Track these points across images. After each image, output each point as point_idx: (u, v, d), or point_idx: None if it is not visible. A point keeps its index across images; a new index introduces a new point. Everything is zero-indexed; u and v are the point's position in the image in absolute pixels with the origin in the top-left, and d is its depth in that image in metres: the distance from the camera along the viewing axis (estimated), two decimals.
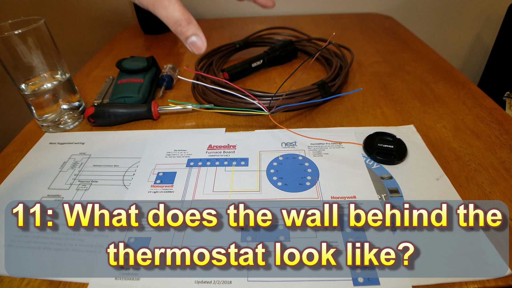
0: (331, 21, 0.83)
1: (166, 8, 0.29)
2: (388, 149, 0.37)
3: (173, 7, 0.29)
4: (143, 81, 0.50)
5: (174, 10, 0.29)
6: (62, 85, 0.43)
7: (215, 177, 0.36)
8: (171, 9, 0.29)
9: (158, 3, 0.29)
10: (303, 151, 0.39)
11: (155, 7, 0.29)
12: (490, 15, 0.91)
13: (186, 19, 0.30)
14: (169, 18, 0.29)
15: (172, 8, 0.29)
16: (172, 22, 0.30)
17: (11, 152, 0.42)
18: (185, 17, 0.30)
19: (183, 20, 0.30)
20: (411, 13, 0.90)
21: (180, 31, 0.30)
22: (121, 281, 0.27)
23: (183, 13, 0.30)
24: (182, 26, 0.30)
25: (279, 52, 0.58)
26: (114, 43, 0.77)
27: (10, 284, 0.27)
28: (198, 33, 0.31)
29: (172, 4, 0.29)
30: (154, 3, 0.29)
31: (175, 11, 0.29)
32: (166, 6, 0.29)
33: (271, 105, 0.44)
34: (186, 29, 0.30)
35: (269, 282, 0.26)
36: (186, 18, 0.30)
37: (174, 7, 0.29)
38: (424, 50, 0.64)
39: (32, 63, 0.40)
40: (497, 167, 0.35)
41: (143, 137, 0.43)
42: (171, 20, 0.30)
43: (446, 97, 0.48)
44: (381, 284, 0.25)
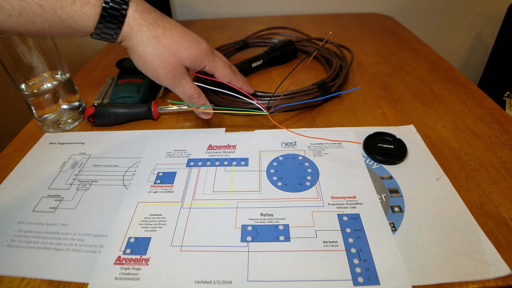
0: (331, 21, 0.83)
1: (183, 87, 0.37)
2: (388, 149, 0.37)
3: (188, 86, 0.37)
4: (143, 81, 0.50)
5: (189, 88, 0.37)
6: (62, 85, 0.43)
7: (215, 177, 0.36)
8: (187, 87, 0.37)
9: (177, 83, 0.36)
10: (303, 151, 0.39)
11: (174, 86, 0.36)
12: (490, 15, 0.91)
13: (198, 94, 0.38)
14: (186, 93, 0.37)
15: (187, 87, 0.37)
16: (187, 97, 0.38)
17: (11, 152, 0.42)
18: (197, 92, 0.38)
19: (196, 94, 0.38)
20: (411, 13, 0.90)
21: (194, 102, 0.38)
22: (121, 281, 0.27)
23: (195, 89, 0.38)
24: (195, 99, 0.38)
25: (279, 52, 0.58)
26: (114, 43, 0.77)
27: (10, 284, 0.27)
28: (206, 103, 0.39)
29: (188, 84, 0.37)
30: (174, 83, 0.36)
31: (190, 89, 0.37)
32: (183, 85, 0.37)
33: (270, 105, 0.44)
34: (198, 101, 0.38)
35: (269, 282, 0.26)
36: (197, 93, 0.38)
37: (189, 85, 0.37)
38: (424, 50, 0.64)
39: (32, 63, 0.40)
40: (497, 167, 0.35)
41: (143, 137, 0.43)
42: (187, 95, 0.37)
43: (446, 97, 0.48)
44: (381, 284, 0.25)
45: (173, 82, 0.36)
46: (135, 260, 0.28)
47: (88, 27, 0.31)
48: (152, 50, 0.33)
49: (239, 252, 0.28)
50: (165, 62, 0.34)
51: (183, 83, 0.36)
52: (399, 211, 0.31)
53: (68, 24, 0.29)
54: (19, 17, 0.27)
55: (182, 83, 0.36)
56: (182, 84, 0.36)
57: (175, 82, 0.36)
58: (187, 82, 0.37)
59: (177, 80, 0.36)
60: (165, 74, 0.35)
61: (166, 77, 0.35)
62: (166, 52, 0.34)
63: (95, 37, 0.32)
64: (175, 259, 0.28)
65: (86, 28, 0.31)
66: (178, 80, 0.36)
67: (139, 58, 0.34)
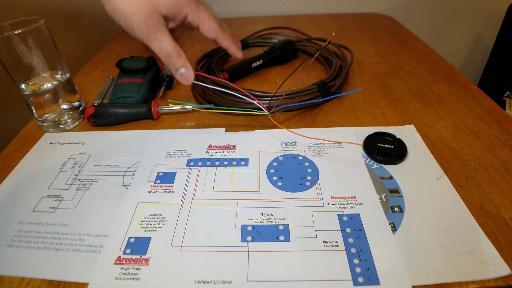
0: (331, 21, 0.83)
1: (160, 41, 0.31)
2: (388, 149, 0.37)
3: (165, 40, 0.32)
4: (143, 81, 0.50)
5: (166, 44, 0.32)
6: (62, 85, 0.43)
7: (215, 177, 0.36)
8: (164, 42, 0.32)
9: (152, 36, 0.31)
10: (303, 151, 0.39)
11: (149, 39, 0.31)
12: (490, 15, 0.91)
13: (177, 52, 0.33)
14: (162, 50, 0.32)
15: (165, 42, 0.32)
16: (164, 54, 0.32)
17: (11, 152, 0.42)
18: (176, 50, 0.33)
19: (174, 52, 0.32)
20: (411, 13, 0.90)
21: (171, 62, 0.33)
22: (121, 281, 0.27)
23: (174, 46, 0.32)
24: (173, 58, 0.33)
25: (279, 52, 0.58)
26: (114, 43, 0.77)
27: (10, 284, 0.27)
28: (186, 65, 0.34)
29: (165, 38, 0.32)
30: (148, 36, 0.31)
31: (167, 45, 0.32)
32: (160, 39, 0.31)
33: (270, 105, 0.44)
34: (177, 61, 0.33)
35: (269, 282, 0.26)
36: (176, 51, 0.33)
37: (167, 40, 0.32)
38: (424, 50, 0.64)
39: (32, 63, 0.40)
40: (497, 167, 0.35)
41: (143, 137, 0.43)
42: (164, 52, 0.32)
43: (446, 97, 0.48)
44: (381, 284, 0.25)
45: (148, 35, 0.31)
46: (135, 260, 0.28)
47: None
48: None
49: (239, 252, 0.28)
50: (138, 8, 0.30)
51: (159, 36, 0.31)
52: (399, 211, 0.31)
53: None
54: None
55: (158, 36, 0.31)
56: (158, 38, 0.31)
57: (150, 35, 0.31)
58: (164, 35, 0.32)
59: (152, 33, 0.31)
60: (138, 23, 0.30)
61: (140, 26, 0.30)
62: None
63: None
64: (175, 259, 0.28)
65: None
66: (153, 32, 0.31)
67: (110, 3, 0.30)
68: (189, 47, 0.71)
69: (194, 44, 0.72)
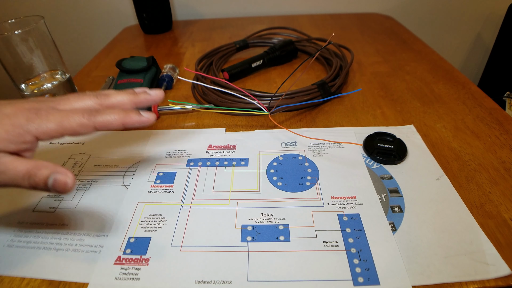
0: (331, 21, 0.83)
1: (4, 173, 0.23)
2: (388, 149, 0.37)
3: (12, 166, 0.23)
4: (143, 81, 0.50)
5: (14, 169, 0.23)
6: (62, 85, 0.43)
7: (215, 177, 0.36)
8: (11, 170, 0.23)
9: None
10: (303, 151, 0.39)
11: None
12: (490, 15, 0.91)
13: (34, 166, 0.23)
14: (16, 176, 0.23)
15: (12, 168, 0.23)
16: (20, 177, 0.23)
17: None
18: (30, 165, 0.23)
19: (32, 168, 0.23)
20: (411, 13, 0.90)
21: (34, 180, 0.23)
22: (121, 281, 0.27)
23: (25, 163, 0.24)
24: (35, 173, 0.23)
25: (279, 52, 0.58)
26: (114, 43, 0.77)
27: (10, 284, 0.27)
28: (57, 170, 0.23)
29: (9, 164, 0.23)
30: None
31: (18, 167, 0.23)
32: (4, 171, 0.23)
33: (271, 105, 0.44)
34: (40, 173, 0.23)
35: (269, 282, 0.26)
36: (32, 166, 0.23)
37: (13, 165, 0.23)
38: (424, 50, 0.64)
39: (32, 63, 0.40)
40: (497, 167, 0.35)
41: (143, 137, 0.43)
42: (19, 176, 0.23)
43: (446, 97, 0.48)
44: (381, 284, 0.25)
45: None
46: (135, 260, 0.28)
47: None
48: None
49: (239, 252, 0.28)
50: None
51: (1, 168, 0.23)
52: (399, 211, 0.31)
53: None
54: None
55: None
56: (1, 170, 0.23)
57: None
58: (5, 162, 0.23)
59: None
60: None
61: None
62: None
63: None
64: (175, 259, 0.28)
65: None
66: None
67: None
68: (189, 47, 0.71)
69: (194, 44, 0.72)
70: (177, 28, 0.83)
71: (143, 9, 0.77)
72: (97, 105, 0.27)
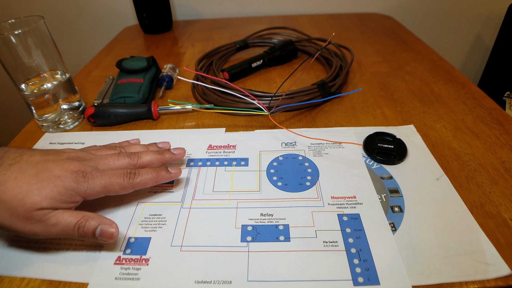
0: (331, 21, 0.82)
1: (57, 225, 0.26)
2: (388, 149, 0.37)
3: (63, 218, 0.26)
4: (143, 81, 0.50)
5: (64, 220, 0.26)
6: (62, 85, 0.43)
7: (215, 177, 0.36)
8: (62, 222, 0.26)
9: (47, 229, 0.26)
10: (303, 151, 0.39)
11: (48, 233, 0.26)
12: (490, 15, 0.91)
13: (83, 217, 0.27)
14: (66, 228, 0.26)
15: (63, 221, 0.26)
16: (70, 229, 0.27)
17: None
18: (80, 216, 0.27)
19: (81, 219, 0.27)
20: (411, 13, 0.90)
21: (83, 231, 0.27)
22: (121, 281, 0.27)
23: (75, 215, 0.27)
24: (82, 224, 0.27)
25: (279, 52, 0.58)
26: (114, 43, 0.77)
27: (10, 284, 0.27)
28: (103, 221, 0.27)
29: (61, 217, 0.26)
30: (42, 232, 0.26)
31: (68, 219, 0.27)
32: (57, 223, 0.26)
33: (271, 105, 0.44)
34: (88, 224, 0.27)
35: (269, 282, 0.26)
36: (81, 217, 0.27)
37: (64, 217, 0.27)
38: (424, 50, 0.64)
39: (32, 63, 0.40)
40: (497, 167, 0.35)
41: (143, 137, 0.43)
42: (69, 227, 0.26)
43: (446, 97, 0.48)
44: (381, 284, 0.25)
45: (40, 231, 0.26)
46: (135, 260, 0.28)
47: None
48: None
49: (239, 252, 0.28)
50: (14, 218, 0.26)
51: (52, 221, 0.26)
52: (399, 211, 0.31)
53: None
54: None
55: (51, 222, 0.26)
56: (53, 223, 0.26)
57: (43, 229, 0.26)
58: (57, 217, 0.26)
59: (43, 226, 0.26)
60: (22, 228, 0.26)
61: (24, 229, 0.26)
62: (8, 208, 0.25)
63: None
64: (175, 259, 0.28)
65: None
66: (44, 225, 0.26)
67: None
68: (189, 47, 0.71)
69: (194, 44, 0.72)
70: (177, 28, 0.83)
71: (143, 9, 0.77)
72: (131, 166, 0.31)
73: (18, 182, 0.26)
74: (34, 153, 0.28)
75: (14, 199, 0.25)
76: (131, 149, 0.34)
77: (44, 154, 0.29)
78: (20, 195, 0.25)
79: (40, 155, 0.28)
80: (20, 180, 0.26)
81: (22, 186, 0.26)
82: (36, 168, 0.27)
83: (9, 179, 0.26)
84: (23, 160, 0.27)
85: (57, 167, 0.28)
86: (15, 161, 0.27)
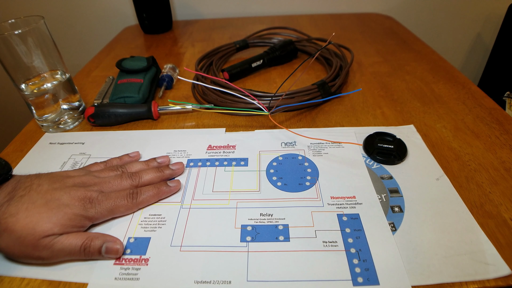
0: (331, 21, 0.82)
1: (63, 249, 0.27)
2: (388, 149, 0.37)
3: (68, 242, 0.27)
4: (143, 81, 0.50)
5: (70, 243, 0.27)
6: (62, 85, 0.43)
7: (214, 177, 0.36)
8: (67, 245, 0.27)
9: (55, 254, 0.27)
10: (303, 151, 0.39)
11: (57, 257, 0.27)
12: (490, 15, 0.91)
13: (88, 238, 0.28)
14: (72, 250, 0.27)
15: (68, 243, 0.27)
16: (77, 251, 0.27)
17: (11, 152, 0.42)
18: (85, 237, 0.28)
19: (86, 240, 0.28)
20: (411, 13, 0.90)
21: (89, 251, 0.28)
22: (121, 281, 0.27)
23: (80, 237, 0.28)
24: (88, 245, 0.28)
25: (279, 52, 0.58)
26: (114, 43, 0.77)
27: (10, 284, 0.27)
28: (107, 239, 0.29)
29: (66, 240, 0.27)
30: (51, 256, 0.27)
31: (73, 241, 0.27)
32: (63, 248, 0.27)
33: (271, 105, 0.44)
34: (93, 244, 0.28)
35: (268, 282, 0.26)
36: (86, 237, 0.28)
37: (69, 240, 0.27)
38: (424, 50, 0.64)
39: (32, 63, 0.40)
40: (497, 167, 0.35)
41: (143, 137, 0.43)
42: (76, 249, 0.27)
43: (446, 97, 0.48)
44: (380, 284, 0.25)
45: (48, 256, 0.27)
46: (134, 260, 0.28)
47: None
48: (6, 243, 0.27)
49: (239, 252, 0.28)
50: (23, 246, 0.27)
51: (58, 247, 0.27)
52: (399, 211, 0.31)
53: None
54: None
55: (57, 247, 0.27)
56: (60, 249, 0.27)
57: (50, 254, 0.27)
58: (62, 241, 0.27)
59: (50, 251, 0.27)
60: (31, 255, 0.27)
61: (33, 256, 0.27)
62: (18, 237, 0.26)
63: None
64: (175, 259, 0.28)
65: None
66: (51, 250, 0.27)
67: None
68: (189, 47, 0.71)
69: (194, 44, 0.72)
70: (177, 28, 0.83)
71: (143, 9, 0.77)
72: (133, 187, 0.33)
73: (29, 212, 0.27)
74: (41, 181, 0.30)
75: (25, 228, 0.26)
76: (132, 168, 0.35)
77: (51, 183, 0.30)
78: (31, 224, 0.27)
79: (48, 183, 0.30)
80: (31, 210, 0.27)
81: (33, 215, 0.27)
82: (45, 198, 0.29)
83: (21, 210, 0.27)
84: (32, 190, 0.29)
85: (64, 195, 0.29)
86: (26, 191, 0.29)
